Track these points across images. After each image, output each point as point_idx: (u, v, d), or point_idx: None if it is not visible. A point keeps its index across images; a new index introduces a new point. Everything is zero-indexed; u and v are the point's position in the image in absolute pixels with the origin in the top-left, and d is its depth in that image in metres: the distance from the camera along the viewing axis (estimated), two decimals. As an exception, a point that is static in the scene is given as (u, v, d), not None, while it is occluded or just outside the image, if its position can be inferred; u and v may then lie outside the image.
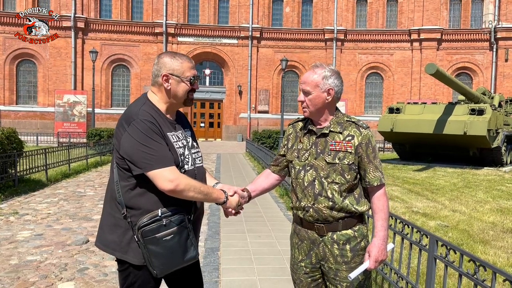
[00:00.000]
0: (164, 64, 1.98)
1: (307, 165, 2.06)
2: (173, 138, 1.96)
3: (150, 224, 1.84)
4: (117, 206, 1.92)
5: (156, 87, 2.01)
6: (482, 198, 8.57)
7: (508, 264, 4.57)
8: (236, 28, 29.56)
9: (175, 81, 1.98)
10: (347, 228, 2.03)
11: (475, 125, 12.95)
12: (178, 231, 1.87)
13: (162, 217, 1.85)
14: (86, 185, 9.64)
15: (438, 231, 5.82)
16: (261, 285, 3.84)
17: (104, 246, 1.97)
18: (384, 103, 29.20)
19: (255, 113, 30.07)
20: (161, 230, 1.84)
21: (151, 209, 1.86)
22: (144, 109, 1.92)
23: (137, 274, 1.92)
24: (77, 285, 3.83)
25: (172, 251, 1.87)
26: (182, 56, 2.01)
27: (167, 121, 1.99)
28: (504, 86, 27.94)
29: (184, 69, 1.99)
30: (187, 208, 1.97)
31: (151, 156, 1.82)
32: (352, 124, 2.04)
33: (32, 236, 5.36)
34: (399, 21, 30.05)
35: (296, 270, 2.15)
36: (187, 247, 1.92)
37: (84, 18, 28.09)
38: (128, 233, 1.89)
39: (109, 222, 1.96)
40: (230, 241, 5.24)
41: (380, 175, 2.03)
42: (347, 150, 2.00)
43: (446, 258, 2.61)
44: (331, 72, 2.05)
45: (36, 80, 28.49)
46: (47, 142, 21.59)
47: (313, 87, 2.03)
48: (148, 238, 1.84)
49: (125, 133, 1.86)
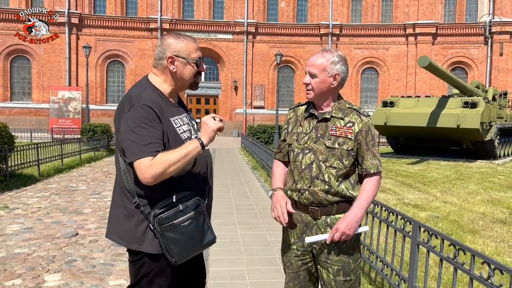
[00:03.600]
0: (169, 46, 1.88)
1: (306, 149, 2.07)
2: (176, 123, 1.89)
3: (167, 211, 1.77)
4: (128, 196, 1.84)
5: (160, 70, 1.91)
6: (474, 190, 8.60)
7: (496, 252, 4.59)
8: (232, 23, 29.46)
9: (181, 63, 1.89)
10: (341, 212, 2.04)
11: (468, 118, 12.98)
12: (195, 216, 1.82)
13: (178, 203, 1.79)
14: (78, 180, 9.61)
15: (429, 222, 5.84)
16: (249, 275, 3.84)
17: (118, 238, 1.89)
18: (379, 98, 29.18)
19: (251, 109, 30.03)
20: (178, 216, 1.78)
21: (164, 195, 1.79)
22: (147, 93, 1.84)
23: (152, 264, 1.86)
24: (64, 276, 3.82)
25: (190, 237, 1.82)
26: (186, 37, 1.92)
27: (171, 105, 1.91)
28: (499, 80, 28.01)
29: (190, 50, 1.89)
30: (201, 192, 1.92)
31: (135, 145, 1.74)
32: (354, 111, 2.06)
33: (22, 230, 5.34)
34: (394, 16, 30.03)
35: (287, 252, 2.16)
36: (204, 231, 1.88)
37: (78, 14, 27.92)
38: (143, 223, 1.82)
39: (120, 213, 1.88)
40: (220, 233, 5.22)
41: (378, 163, 2.06)
42: (347, 136, 2.02)
43: (428, 243, 2.63)
44: (339, 57, 2.06)
45: (30, 77, 28.32)
46: (41, 139, 21.49)
47: (320, 70, 2.03)
48: (165, 225, 1.77)
49: (124, 117, 1.79)
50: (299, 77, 29.94)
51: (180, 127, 1.90)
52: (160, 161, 1.73)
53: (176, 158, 1.75)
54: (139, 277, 1.89)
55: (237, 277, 3.79)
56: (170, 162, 1.74)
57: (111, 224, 1.95)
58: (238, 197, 7.67)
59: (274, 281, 3.69)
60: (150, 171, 1.71)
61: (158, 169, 1.72)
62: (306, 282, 2.14)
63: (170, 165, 1.74)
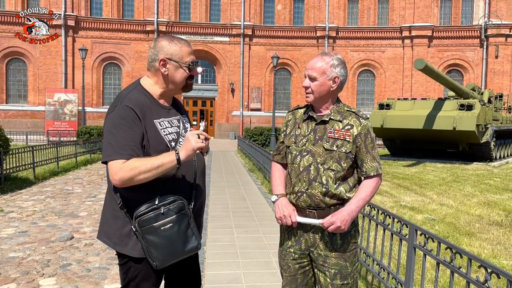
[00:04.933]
0: (162, 48, 1.87)
1: (304, 151, 2.06)
2: (161, 125, 1.86)
3: (148, 213, 1.74)
4: (114, 198, 1.84)
5: (152, 72, 1.90)
6: (470, 192, 8.62)
7: (492, 255, 4.59)
8: (228, 25, 29.48)
9: (173, 67, 1.87)
10: None
11: (464, 120, 13.03)
12: (177, 219, 1.78)
13: (160, 205, 1.75)
14: (74, 183, 9.56)
15: (425, 225, 5.84)
16: (245, 279, 3.82)
17: (106, 238, 1.89)
18: (376, 100, 29.27)
19: (248, 111, 30.02)
20: (159, 219, 1.75)
21: (148, 198, 1.77)
22: (132, 94, 1.83)
23: (137, 268, 1.84)
24: (58, 280, 3.78)
25: (171, 241, 1.77)
26: (180, 40, 1.91)
27: (159, 107, 1.89)
28: (495, 83, 28.13)
29: (183, 54, 1.88)
30: (186, 195, 1.88)
31: (110, 146, 1.74)
32: (352, 114, 2.07)
33: (16, 233, 5.30)
34: (390, 19, 30.14)
35: (284, 256, 2.15)
36: (188, 236, 1.82)
37: (75, 16, 27.86)
38: (127, 225, 1.81)
39: (109, 215, 1.88)
40: (216, 236, 5.21)
41: (377, 165, 2.06)
42: (345, 139, 2.01)
43: (425, 247, 2.62)
44: (339, 61, 2.07)
45: (26, 79, 28.20)
46: (37, 141, 21.40)
47: (320, 73, 2.04)
48: (145, 227, 1.74)
49: (107, 117, 1.81)
50: (295, 80, 29.97)
51: (166, 129, 1.88)
52: (131, 167, 1.72)
53: (148, 167, 1.73)
54: (126, 281, 1.89)
55: (233, 281, 3.77)
56: (140, 170, 1.72)
57: (101, 225, 1.95)
58: (234, 200, 7.64)
59: (271, 285, 3.68)
60: (119, 174, 1.71)
61: (127, 174, 1.71)
62: (303, 286, 2.12)
63: (140, 173, 1.72)
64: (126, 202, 1.81)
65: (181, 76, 1.90)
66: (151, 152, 1.81)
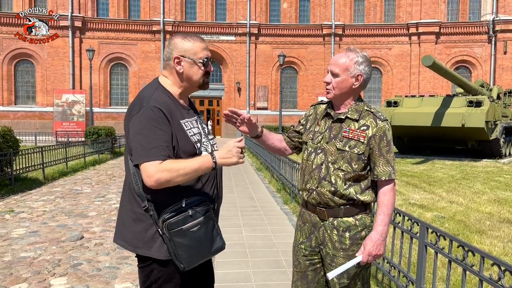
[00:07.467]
0: (175, 46, 1.85)
1: (318, 148, 2.05)
2: (186, 125, 1.85)
3: (176, 216, 1.74)
4: (137, 200, 1.80)
5: (168, 71, 1.89)
6: (480, 189, 8.54)
7: (503, 253, 4.55)
8: (234, 24, 29.49)
9: (187, 64, 1.85)
10: (349, 215, 2.01)
11: (473, 117, 12.91)
12: (204, 221, 1.79)
13: (187, 208, 1.76)
14: (83, 183, 9.63)
15: (435, 222, 5.80)
16: (255, 278, 3.82)
17: (125, 243, 1.86)
18: (383, 98, 29.12)
19: (254, 110, 30.01)
20: (188, 221, 1.75)
21: (174, 200, 1.76)
22: (157, 95, 1.81)
23: (161, 270, 1.82)
24: (69, 280, 3.81)
25: (199, 243, 1.79)
26: (194, 37, 1.88)
27: (180, 107, 1.88)
28: (503, 79, 27.86)
29: (197, 50, 1.85)
30: (210, 197, 1.90)
31: (142, 148, 1.71)
32: (370, 114, 2.01)
33: (27, 233, 5.35)
34: (397, 15, 29.95)
35: (296, 252, 2.16)
36: (214, 237, 1.84)
37: (81, 17, 28.04)
38: (152, 227, 1.79)
39: (129, 218, 1.84)
40: (225, 235, 5.15)
41: (391, 169, 1.97)
42: (359, 140, 1.97)
43: (436, 245, 2.60)
44: (363, 58, 2.01)
45: (34, 80, 28.46)
46: (45, 142, 21.58)
47: (343, 70, 1.99)
48: (174, 230, 1.73)
49: (133, 118, 1.76)
50: (302, 78, 29.91)
51: (190, 129, 1.87)
52: (168, 168, 1.70)
53: (187, 170, 1.73)
54: (148, 284, 1.86)
55: (242, 280, 3.77)
56: (179, 172, 1.71)
57: (118, 229, 1.92)
58: (242, 199, 7.65)
59: (280, 283, 3.67)
60: (156, 176, 1.68)
61: (164, 176, 1.69)
62: (314, 284, 2.11)
63: (178, 175, 1.71)
64: (151, 204, 1.79)
65: (197, 73, 1.88)
66: (180, 153, 1.79)
